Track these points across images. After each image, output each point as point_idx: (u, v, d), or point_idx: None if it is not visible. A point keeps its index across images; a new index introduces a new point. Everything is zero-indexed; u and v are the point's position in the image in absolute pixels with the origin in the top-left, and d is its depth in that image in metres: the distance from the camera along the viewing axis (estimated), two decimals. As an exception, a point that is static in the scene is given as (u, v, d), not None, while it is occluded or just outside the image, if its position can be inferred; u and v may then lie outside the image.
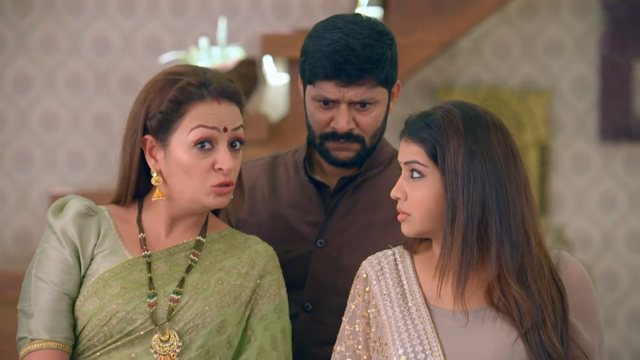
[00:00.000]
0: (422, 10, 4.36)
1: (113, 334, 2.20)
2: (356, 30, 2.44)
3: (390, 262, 2.29)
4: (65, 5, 4.91)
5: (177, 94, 2.25)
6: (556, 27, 5.13)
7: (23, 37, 4.91)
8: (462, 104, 2.23)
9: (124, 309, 2.20)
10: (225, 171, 2.24)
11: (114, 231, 2.30)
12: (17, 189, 4.93)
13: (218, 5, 4.92)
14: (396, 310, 2.22)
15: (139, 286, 2.23)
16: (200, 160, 2.24)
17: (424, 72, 5.04)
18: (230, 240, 2.35)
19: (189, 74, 2.27)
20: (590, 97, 5.13)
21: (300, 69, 2.52)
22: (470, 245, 2.14)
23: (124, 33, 4.93)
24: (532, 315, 2.14)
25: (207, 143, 2.24)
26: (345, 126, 2.46)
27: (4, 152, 4.93)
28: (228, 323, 2.24)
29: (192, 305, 2.23)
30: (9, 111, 4.92)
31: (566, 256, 2.25)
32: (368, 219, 2.55)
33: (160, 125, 2.26)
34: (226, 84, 2.27)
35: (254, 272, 2.31)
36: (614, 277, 5.12)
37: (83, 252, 2.27)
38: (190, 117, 2.24)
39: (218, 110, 2.25)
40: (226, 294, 2.26)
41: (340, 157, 2.51)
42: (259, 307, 2.30)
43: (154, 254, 2.28)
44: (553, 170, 5.12)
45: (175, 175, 2.26)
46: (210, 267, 2.29)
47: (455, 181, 2.15)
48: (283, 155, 2.67)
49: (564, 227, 5.08)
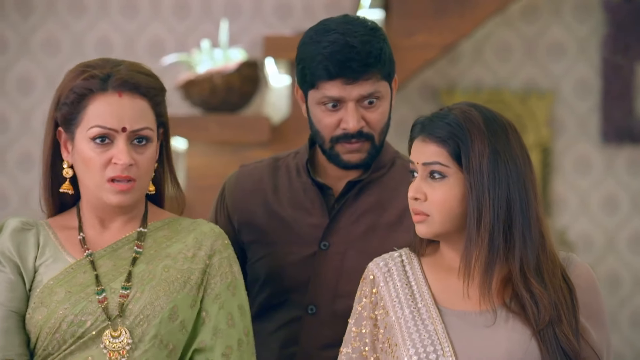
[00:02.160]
0: (424, 12, 4.36)
1: (66, 339, 2.18)
2: (351, 29, 2.44)
3: (397, 264, 2.29)
4: (67, 7, 4.92)
5: (80, 84, 2.23)
6: (558, 29, 5.13)
7: (25, 38, 4.91)
8: (476, 105, 2.24)
9: (71, 312, 2.19)
10: (120, 166, 2.21)
11: (54, 240, 2.29)
12: (20, 191, 4.93)
13: (220, 7, 4.92)
14: (405, 311, 2.22)
15: (83, 287, 2.22)
16: (99, 154, 2.22)
17: (426, 74, 5.04)
18: (175, 226, 2.33)
19: (98, 66, 2.25)
20: (592, 99, 5.13)
21: (299, 76, 2.50)
22: (497, 244, 2.15)
23: (127, 35, 4.93)
24: (549, 311, 2.15)
25: (106, 138, 2.22)
26: (356, 125, 2.45)
27: (7, 154, 4.94)
28: (179, 308, 2.22)
29: (140, 297, 2.21)
30: (12, 113, 4.93)
31: (575, 259, 2.27)
32: (372, 221, 2.55)
33: (66, 117, 2.25)
34: (131, 76, 2.24)
35: (201, 253, 2.28)
36: (616, 279, 5.12)
37: (24, 266, 2.25)
38: (90, 113, 2.22)
39: (118, 105, 2.22)
40: (173, 281, 2.24)
41: (352, 160, 2.51)
42: (211, 287, 2.27)
43: (96, 253, 2.26)
44: (555, 172, 5.12)
45: (80, 168, 2.26)
46: (155, 255, 2.27)
47: (481, 181, 2.15)
48: (284, 158, 2.66)
49: (566, 229, 5.07)
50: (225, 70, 4.21)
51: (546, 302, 2.15)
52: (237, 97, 4.24)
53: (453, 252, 2.24)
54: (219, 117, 4.23)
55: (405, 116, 4.98)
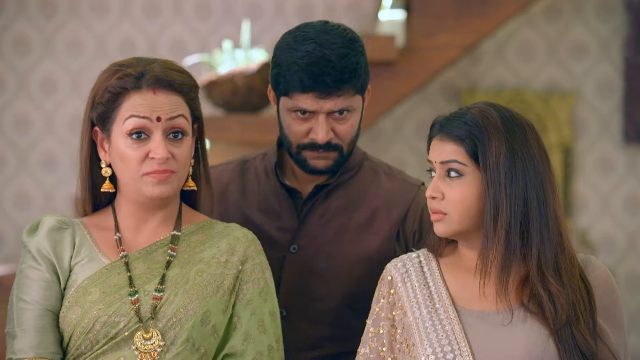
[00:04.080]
0: (446, 13, 4.35)
1: (99, 339, 2.20)
2: (329, 39, 2.43)
3: (415, 265, 2.29)
4: (90, 8, 4.94)
5: (115, 84, 2.25)
6: (580, 29, 5.12)
7: (49, 39, 4.94)
8: (494, 104, 2.25)
9: (105, 313, 2.20)
10: (158, 160, 2.23)
11: (89, 240, 2.30)
12: (43, 192, 4.96)
13: (242, 8, 4.93)
14: (423, 311, 2.22)
15: (118, 289, 2.23)
16: (135, 150, 2.24)
17: (448, 74, 5.03)
18: (209, 230, 2.34)
19: (131, 65, 2.27)
20: (614, 99, 5.12)
21: (273, 80, 2.50)
22: (514, 242, 2.16)
23: (149, 36, 4.95)
24: (567, 311, 2.15)
25: (142, 133, 2.24)
26: (325, 137, 2.45)
27: (30, 154, 4.96)
28: (212, 313, 2.24)
29: (173, 300, 2.22)
30: (35, 113, 4.96)
31: (593, 260, 2.28)
32: (341, 223, 2.55)
33: (101, 116, 2.27)
34: (164, 73, 2.26)
35: (234, 258, 2.30)
36: (638, 280, 5.10)
37: (60, 265, 2.27)
38: (125, 108, 2.24)
39: (152, 100, 2.24)
40: (206, 285, 2.25)
41: (318, 165, 2.50)
42: (243, 293, 2.29)
43: (131, 255, 2.28)
44: (577, 172, 5.11)
45: (118, 166, 2.27)
46: (189, 259, 2.28)
47: (498, 179, 2.16)
48: (252, 160, 2.66)
49: (588, 229, 5.06)
50: (246, 71, 4.22)
51: (564, 301, 2.15)
52: (258, 97, 4.24)
53: (471, 252, 2.25)
54: (240, 118, 4.24)
55: (426, 116, 4.99)
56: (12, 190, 4.96)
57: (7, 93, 4.95)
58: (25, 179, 4.96)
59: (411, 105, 5.06)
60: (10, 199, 4.96)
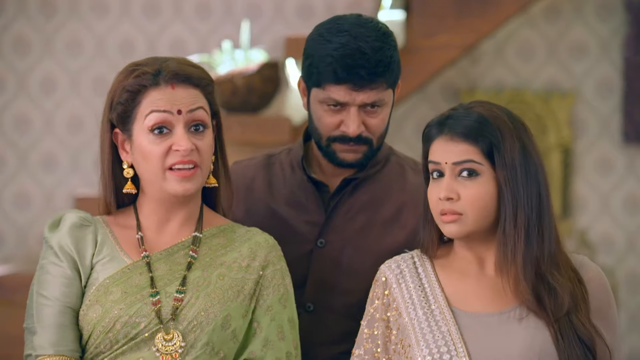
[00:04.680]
0: (446, 13, 4.35)
1: (118, 339, 2.20)
2: (363, 32, 2.44)
3: (409, 266, 2.29)
4: (90, 8, 4.94)
5: (133, 82, 2.25)
6: (580, 29, 5.12)
7: (48, 39, 4.94)
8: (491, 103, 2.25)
9: (126, 313, 2.20)
10: (182, 152, 2.22)
11: (111, 239, 2.30)
12: (43, 192, 4.96)
13: (242, 8, 4.93)
14: (419, 312, 2.22)
15: (139, 289, 2.23)
16: (158, 145, 2.24)
17: (448, 74, 5.03)
18: (230, 234, 2.34)
19: (147, 64, 2.28)
20: (614, 99, 5.12)
21: (305, 72, 2.50)
22: (533, 238, 2.17)
23: (149, 36, 4.95)
24: (568, 300, 2.16)
25: (164, 128, 2.24)
26: (356, 130, 2.46)
27: (30, 154, 4.96)
28: (232, 317, 2.24)
29: (194, 303, 2.22)
30: (35, 114, 4.95)
31: (587, 261, 2.28)
32: (368, 218, 2.55)
33: (121, 116, 2.27)
34: (181, 68, 2.27)
35: (255, 263, 2.30)
36: (638, 280, 5.10)
37: (81, 262, 2.27)
38: (144, 105, 2.24)
39: (172, 95, 2.24)
40: (228, 289, 2.25)
41: (348, 159, 2.51)
42: (263, 299, 2.29)
43: (153, 256, 2.28)
44: (576, 172, 5.11)
45: (141, 164, 2.27)
46: (210, 263, 2.28)
47: (515, 176, 2.17)
48: (277, 155, 2.66)
49: (587, 230, 5.06)
50: (246, 71, 4.21)
51: (566, 290, 2.16)
52: (257, 97, 4.24)
53: (468, 253, 2.25)
54: (240, 118, 4.24)
55: (426, 116, 4.98)
56: (12, 191, 4.96)
57: (6, 93, 4.95)
58: (25, 179, 4.96)
59: (411, 105, 5.06)
60: (9, 199, 4.96)
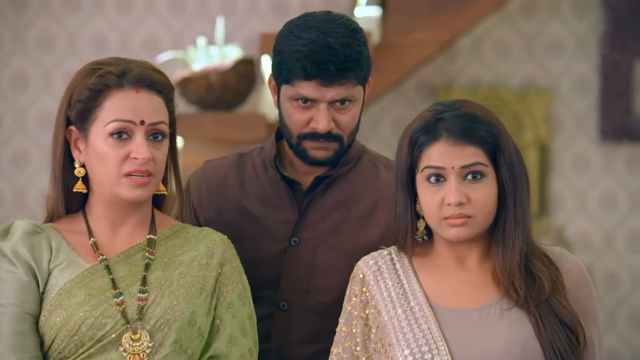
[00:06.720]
0: (421, 9, 4.35)
1: (84, 342, 2.17)
2: (332, 28, 2.43)
3: (387, 262, 2.28)
4: (62, 4, 4.91)
5: (96, 81, 2.23)
6: (556, 26, 5.11)
7: (20, 35, 4.90)
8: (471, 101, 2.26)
9: (91, 315, 2.18)
10: (140, 160, 2.21)
11: (66, 245, 2.27)
12: (14, 190, 4.92)
13: (216, 5, 4.91)
14: (398, 310, 2.21)
15: (103, 291, 2.21)
16: (116, 150, 2.22)
17: (424, 71, 5.02)
18: (184, 234, 2.33)
19: (111, 64, 2.26)
20: (590, 96, 5.12)
21: (275, 69, 2.49)
22: (527, 234, 2.20)
23: (122, 32, 4.92)
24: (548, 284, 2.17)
25: (124, 133, 2.22)
26: (326, 126, 2.45)
27: (1, 152, 4.93)
28: (197, 314, 2.23)
29: (160, 301, 2.21)
30: (6, 111, 4.92)
31: (565, 253, 2.28)
32: (341, 216, 2.54)
33: (80, 114, 2.25)
34: (145, 72, 2.25)
35: (214, 261, 2.30)
36: (614, 278, 5.10)
37: (38, 268, 2.23)
38: (107, 108, 2.22)
39: (136, 100, 2.23)
40: (191, 286, 2.24)
41: (318, 156, 2.50)
42: (224, 296, 2.29)
43: (111, 259, 2.26)
44: (553, 170, 5.11)
45: (95, 166, 2.25)
46: (169, 263, 2.27)
47: (514, 175, 2.20)
48: (249, 153, 2.65)
49: (564, 227, 5.06)
50: (221, 68, 4.20)
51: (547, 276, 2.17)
52: (232, 94, 4.22)
53: (448, 250, 2.24)
54: (215, 115, 4.22)
55: (402, 113, 4.97)
56: (-17, 189, 4.93)
57: (-23, 90, 4.91)
58: (-4, 177, 4.93)
59: (387, 103, 5.05)
60: (-20, 198, 4.92)
